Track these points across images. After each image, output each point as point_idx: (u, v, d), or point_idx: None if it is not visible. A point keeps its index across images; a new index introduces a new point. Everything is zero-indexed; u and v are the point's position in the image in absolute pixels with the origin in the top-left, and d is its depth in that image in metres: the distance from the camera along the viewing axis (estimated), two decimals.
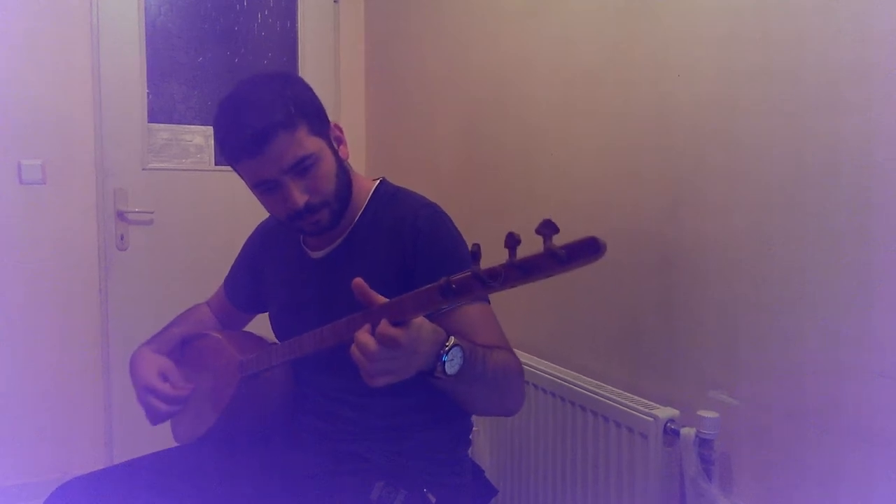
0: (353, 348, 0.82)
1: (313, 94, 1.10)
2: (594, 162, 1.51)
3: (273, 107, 1.02)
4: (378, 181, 1.20)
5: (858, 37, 0.98)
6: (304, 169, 1.04)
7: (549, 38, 1.64)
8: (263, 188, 1.06)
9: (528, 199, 1.74)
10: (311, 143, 1.05)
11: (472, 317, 1.05)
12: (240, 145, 1.02)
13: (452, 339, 0.89)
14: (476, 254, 0.71)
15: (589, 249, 0.60)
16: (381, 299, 0.84)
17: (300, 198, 1.04)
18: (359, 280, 0.84)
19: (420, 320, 0.83)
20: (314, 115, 1.07)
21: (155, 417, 1.21)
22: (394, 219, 1.12)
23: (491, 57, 1.88)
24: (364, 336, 0.81)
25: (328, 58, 2.73)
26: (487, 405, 1.09)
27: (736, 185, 1.17)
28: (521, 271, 0.66)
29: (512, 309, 1.73)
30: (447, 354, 0.88)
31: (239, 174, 1.09)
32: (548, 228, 0.62)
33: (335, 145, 1.12)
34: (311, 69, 2.68)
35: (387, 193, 1.18)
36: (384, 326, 0.80)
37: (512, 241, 0.66)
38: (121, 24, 2.37)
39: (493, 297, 1.08)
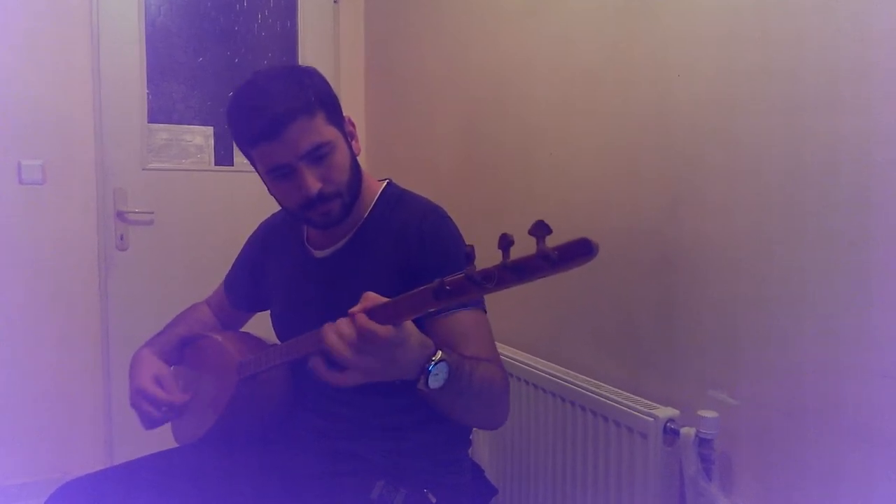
0: (328, 335, 0.82)
1: (330, 86, 1.11)
2: (593, 161, 1.50)
3: (293, 92, 1.03)
4: (385, 182, 1.21)
5: (858, 36, 0.98)
6: (320, 157, 1.05)
7: (548, 38, 1.64)
8: (277, 174, 1.06)
9: (527, 199, 1.74)
10: (328, 132, 1.05)
11: (465, 324, 1.04)
12: (259, 128, 1.02)
13: (440, 354, 0.89)
14: (470, 255, 0.70)
15: (581, 250, 0.60)
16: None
17: (314, 184, 1.04)
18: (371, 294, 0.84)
19: (410, 327, 0.83)
20: (331, 106, 1.08)
21: (147, 422, 1.20)
22: (400, 222, 1.12)
23: (490, 56, 1.88)
24: (345, 326, 0.81)
25: (328, 57, 2.73)
26: (469, 418, 1.07)
27: (735, 184, 1.17)
28: (514, 273, 0.66)
29: (512, 308, 1.73)
30: (434, 367, 0.87)
31: (252, 161, 1.09)
32: (540, 230, 0.62)
33: (349, 139, 1.12)
34: None
35: (393, 195, 1.18)
36: (364, 320, 0.79)
37: (505, 242, 0.66)
38: (121, 23, 2.38)
39: (491, 295, 1.08)
